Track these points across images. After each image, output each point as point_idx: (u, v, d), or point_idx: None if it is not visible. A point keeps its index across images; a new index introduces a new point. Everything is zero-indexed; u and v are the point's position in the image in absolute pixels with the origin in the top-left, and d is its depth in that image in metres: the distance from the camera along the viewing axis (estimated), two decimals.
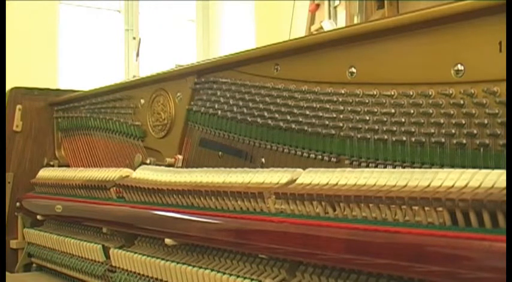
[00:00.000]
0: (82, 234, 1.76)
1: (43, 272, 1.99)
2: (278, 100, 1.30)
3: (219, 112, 1.47)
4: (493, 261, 0.70)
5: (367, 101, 1.11)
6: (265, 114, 1.32)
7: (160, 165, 1.57)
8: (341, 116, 1.15)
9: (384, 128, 1.07)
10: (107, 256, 1.54)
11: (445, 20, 0.99)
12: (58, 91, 2.32)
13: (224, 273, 1.14)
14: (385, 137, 1.06)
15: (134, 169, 1.55)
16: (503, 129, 0.90)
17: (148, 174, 1.44)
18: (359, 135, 1.11)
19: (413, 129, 1.02)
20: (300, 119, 1.23)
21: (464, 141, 0.94)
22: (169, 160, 1.61)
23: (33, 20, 4.30)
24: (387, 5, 3.02)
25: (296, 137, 1.25)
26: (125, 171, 1.58)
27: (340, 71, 1.18)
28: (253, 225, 1.06)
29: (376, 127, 1.08)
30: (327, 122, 1.18)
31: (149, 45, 5.01)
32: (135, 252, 1.41)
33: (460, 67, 0.97)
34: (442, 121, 0.98)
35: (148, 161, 1.67)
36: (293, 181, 1.07)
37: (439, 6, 0.99)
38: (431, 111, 1.00)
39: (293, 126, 1.25)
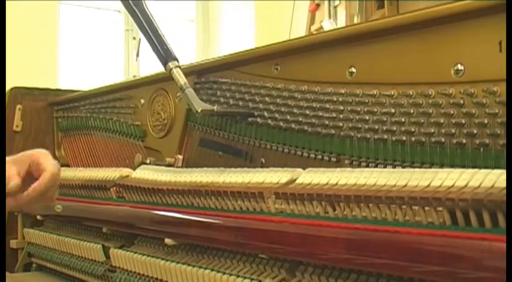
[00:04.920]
0: (82, 234, 1.76)
1: (43, 272, 1.98)
2: (278, 100, 1.30)
3: None
4: (493, 261, 0.70)
5: (367, 101, 1.11)
6: (265, 114, 1.32)
7: (160, 165, 1.57)
8: (341, 116, 1.15)
9: (384, 128, 1.07)
10: (107, 256, 1.54)
11: (445, 20, 0.99)
12: (58, 91, 2.31)
13: (224, 273, 1.14)
14: (385, 137, 1.06)
15: (134, 169, 1.55)
16: (503, 129, 0.90)
17: (148, 174, 1.44)
18: (359, 135, 1.11)
19: (413, 129, 1.02)
20: (300, 119, 1.23)
21: (464, 141, 0.94)
22: (169, 160, 1.61)
23: (33, 20, 4.30)
24: (387, 5, 3.03)
25: (296, 137, 1.25)
26: (125, 171, 1.58)
27: (340, 71, 1.18)
28: (253, 225, 1.06)
29: (376, 127, 1.08)
30: (327, 122, 1.18)
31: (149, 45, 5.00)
32: (135, 252, 1.41)
33: (460, 67, 0.98)
34: (442, 121, 0.98)
35: (148, 161, 1.67)
36: (293, 181, 1.07)
37: (439, 6, 0.99)
38: (431, 111, 1.00)
39: (293, 126, 1.25)
